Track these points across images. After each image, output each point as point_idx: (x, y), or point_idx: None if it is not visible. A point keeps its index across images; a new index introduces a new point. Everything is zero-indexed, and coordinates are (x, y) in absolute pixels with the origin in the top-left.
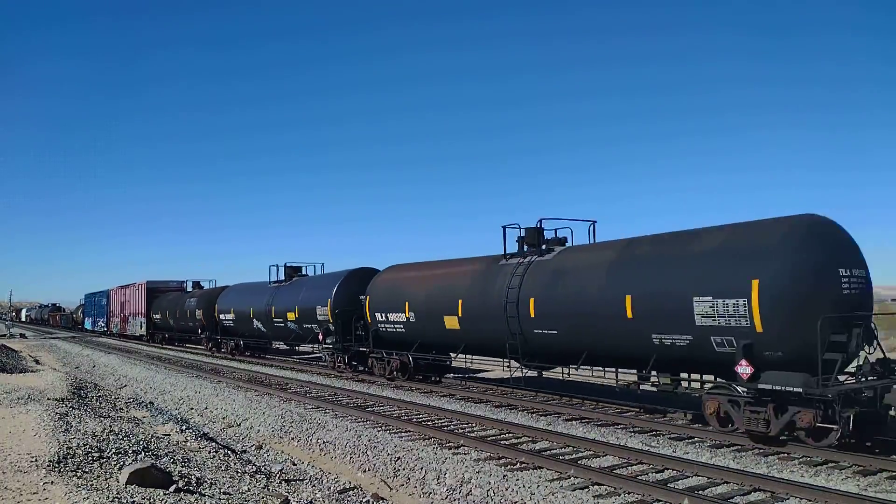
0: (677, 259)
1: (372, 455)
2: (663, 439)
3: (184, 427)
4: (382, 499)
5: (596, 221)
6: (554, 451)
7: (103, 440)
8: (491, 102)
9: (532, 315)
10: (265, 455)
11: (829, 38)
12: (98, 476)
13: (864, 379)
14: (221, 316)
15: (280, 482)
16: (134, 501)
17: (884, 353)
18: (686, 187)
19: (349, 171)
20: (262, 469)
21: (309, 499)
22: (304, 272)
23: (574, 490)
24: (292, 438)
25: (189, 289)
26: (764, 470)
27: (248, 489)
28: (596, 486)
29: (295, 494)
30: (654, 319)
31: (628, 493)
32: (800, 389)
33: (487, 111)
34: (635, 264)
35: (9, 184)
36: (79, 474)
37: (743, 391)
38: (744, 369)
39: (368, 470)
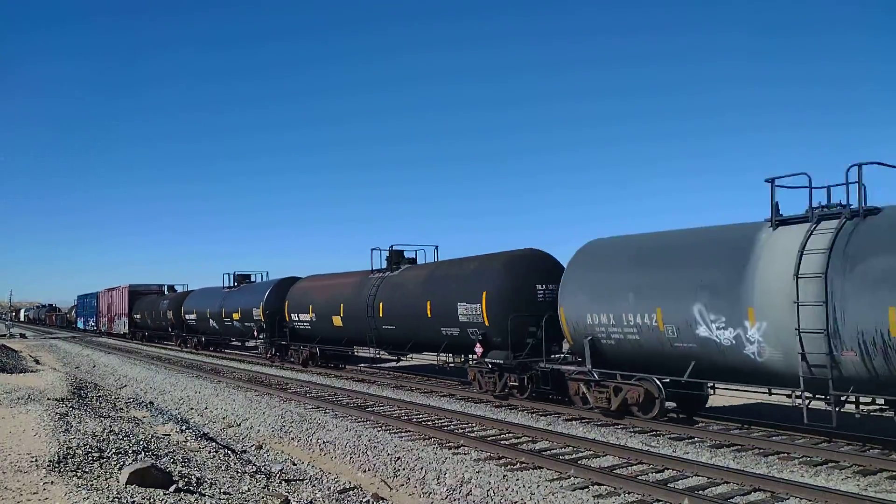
0: (453, 277)
1: (372, 455)
2: (663, 439)
3: (184, 427)
4: (382, 499)
5: (437, 246)
6: (554, 451)
7: (103, 440)
8: (491, 102)
9: (381, 315)
10: (265, 455)
11: (830, 37)
12: (98, 476)
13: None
14: (186, 316)
15: (280, 482)
16: (134, 501)
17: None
18: (686, 187)
19: (349, 171)
20: (262, 469)
21: (309, 499)
22: (252, 279)
23: (574, 490)
24: (292, 438)
25: (165, 292)
26: (764, 470)
27: (248, 489)
28: (596, 486)
29: (295, 494)
30: (441, 317)
31: (628, 493)
32: (501, 361)
33: (487, 111)
34: (435, 280)
35: (9, 184)
36: (79, 474)
37: (489, 363)
38: (478, 349)
39: (368, 470)
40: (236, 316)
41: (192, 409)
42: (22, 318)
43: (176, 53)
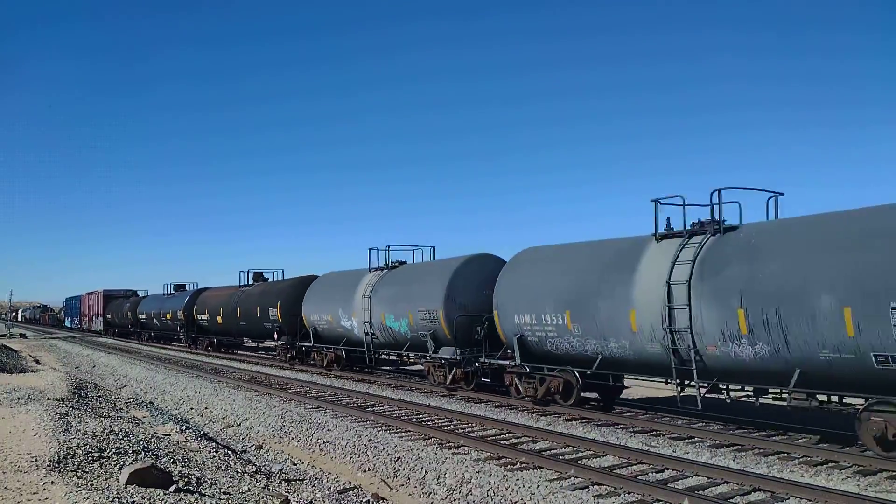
0: (270, 292)
1: (372, 455)
2: (663, 439)
3: (184, 427)
4: (382, 499)
5: (283, 270)
6: (554, 451)
7: (103, 440)
8: (490, 102)
9: (238, 316)
10: (265, 455)
11: (830, 35)
12: (98, 476)
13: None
14: (140, 316)
15: (280, 482)
16: (134, 501)
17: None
18: (686, 185)
19: (348, 170)
20: (262, 469)
21: (309, 499)
22: (186, 288)
23: (574, 490)
24: (292, 438)
25: (130, 297)
26: (764, 470)
27: (248, 489)
28: (596, 486)
29: (295, 494)
30: (263, 317)
31: (628, 493)
32: (284, 342)
33: (487, 111)
34: (264, 293)
35: (10, 183)
36: (79, 474)
37: (281, 344)
38: (275, 336)
39: (368, 470)
40: (169, 316)
41: (192, 409)
42: (20, 318)
43: (177, 53)
